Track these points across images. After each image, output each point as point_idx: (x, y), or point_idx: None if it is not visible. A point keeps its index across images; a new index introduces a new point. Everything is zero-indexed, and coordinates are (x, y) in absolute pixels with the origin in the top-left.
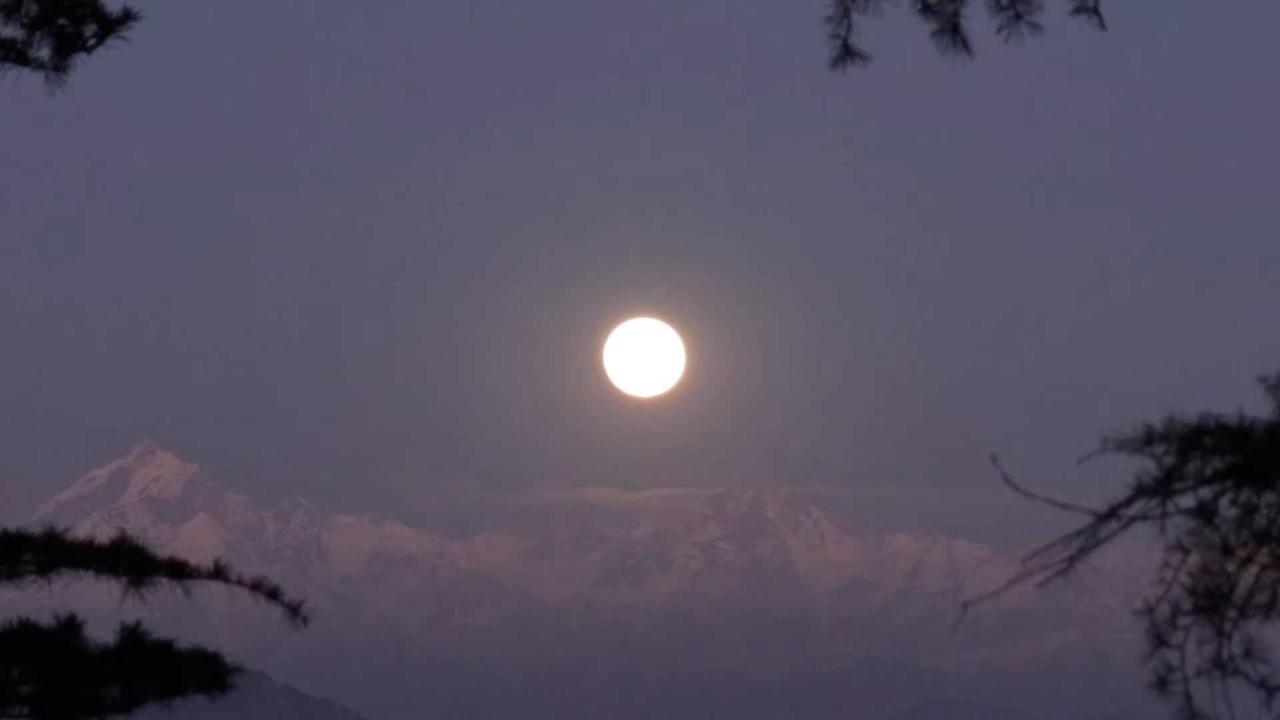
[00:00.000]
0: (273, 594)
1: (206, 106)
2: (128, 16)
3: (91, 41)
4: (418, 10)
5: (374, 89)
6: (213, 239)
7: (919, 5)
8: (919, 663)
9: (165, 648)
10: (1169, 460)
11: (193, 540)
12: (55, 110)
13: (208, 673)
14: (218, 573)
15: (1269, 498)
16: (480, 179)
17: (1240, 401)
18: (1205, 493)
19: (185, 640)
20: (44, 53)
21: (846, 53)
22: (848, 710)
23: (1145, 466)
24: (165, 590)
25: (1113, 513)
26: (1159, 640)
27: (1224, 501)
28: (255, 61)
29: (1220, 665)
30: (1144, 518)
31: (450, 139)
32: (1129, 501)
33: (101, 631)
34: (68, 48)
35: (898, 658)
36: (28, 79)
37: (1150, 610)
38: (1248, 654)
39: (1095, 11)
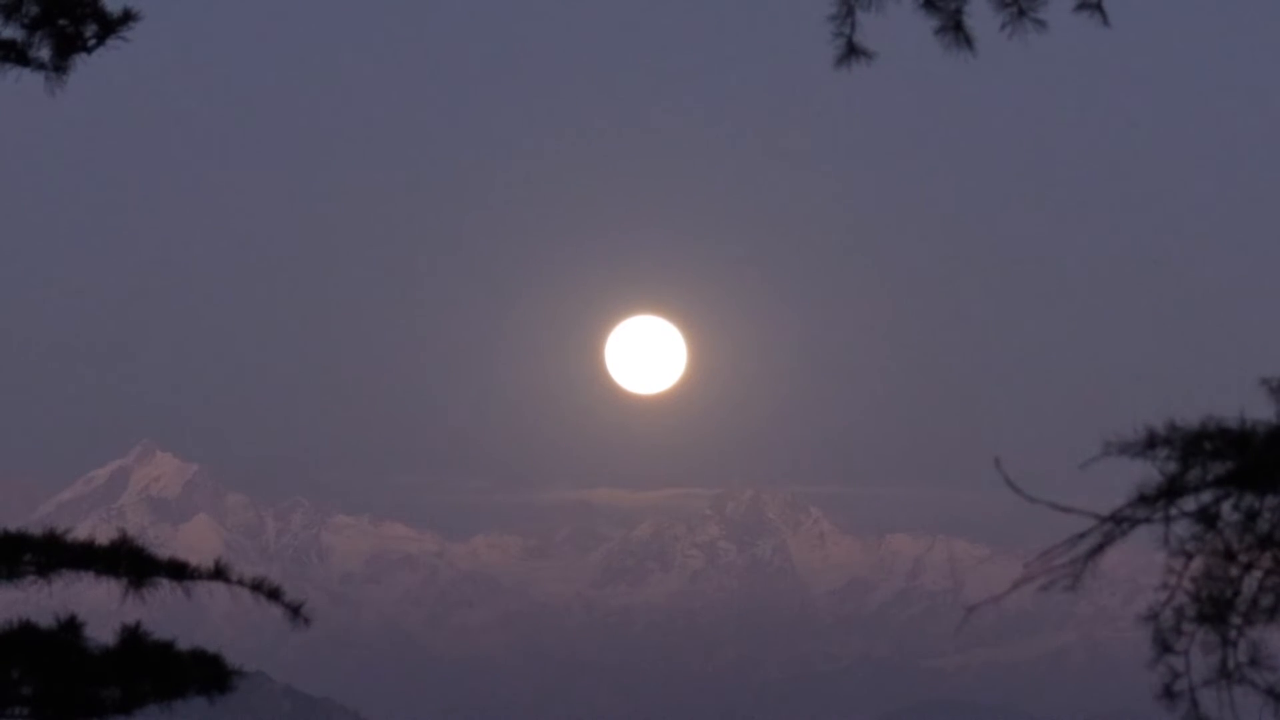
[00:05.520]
0: (273, 594)
1: (208, 106)
2: (128, 17)
3: (92, 42)
4: (417, 11)
5: (375, 90)
6: (214, 238)
7: (921, 2)
8: (919, 663)
9: (165, 648)
10: (1171, 465)
11: (193, 540)
12: (56, 110)
13: (208, 673)
14: (218, 573)
15: (1271, 502)
16: (480, 178)
17: (1243, 405)
18: (1207, 497)
19: (185, 640)
20: (44, 53)
21: (851, 51)
22: (848, 710)
23: (1147, 471)
24: (165, 590)
25: (1115, 517)
26: (1164, 647)
27: (1226, 506)
28: (257, 62)
29: (1226, 673)
30: (1147, 522)
31: (451, 139)
32: (1131, 506)
33: (101, 631)
34: (68, 48)
35: (898, 658)
36: (28, 79)
37: (1154, 617)
38: (1253, 661)
39: (1099, 8)
